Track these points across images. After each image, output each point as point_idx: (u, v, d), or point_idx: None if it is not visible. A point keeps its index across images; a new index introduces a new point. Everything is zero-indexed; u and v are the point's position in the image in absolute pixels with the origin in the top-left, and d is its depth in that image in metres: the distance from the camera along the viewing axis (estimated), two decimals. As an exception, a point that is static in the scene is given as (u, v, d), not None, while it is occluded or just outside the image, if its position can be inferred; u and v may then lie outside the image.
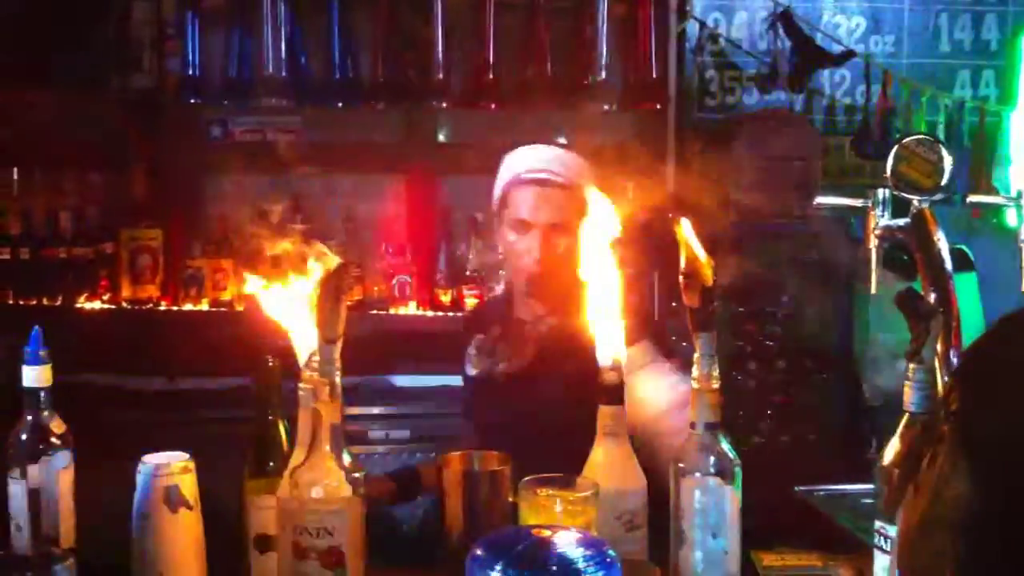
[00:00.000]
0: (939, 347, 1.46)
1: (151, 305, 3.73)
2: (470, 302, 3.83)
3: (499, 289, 3.72)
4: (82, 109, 3.59)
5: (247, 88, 3.78)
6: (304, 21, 3.79)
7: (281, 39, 3.72)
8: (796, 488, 1.93)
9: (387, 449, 3.48)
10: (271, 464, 1.62)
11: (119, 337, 3.62)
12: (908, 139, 1.71)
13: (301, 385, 1.47)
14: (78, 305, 3.68)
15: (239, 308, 3.74)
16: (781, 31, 3.86)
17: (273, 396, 1.64)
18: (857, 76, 4.01)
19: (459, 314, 3.81)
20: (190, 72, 3.75)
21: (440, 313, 3.83)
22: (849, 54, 3.87)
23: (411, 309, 3.83)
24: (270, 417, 1.64)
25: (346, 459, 1.41)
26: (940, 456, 0.66)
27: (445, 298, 3.86)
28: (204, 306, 3.75)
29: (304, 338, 1.50)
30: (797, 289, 2.57)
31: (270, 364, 1.63)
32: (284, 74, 3.74)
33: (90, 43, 3.67)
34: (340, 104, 3.79)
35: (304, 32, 3.79)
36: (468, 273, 3.88)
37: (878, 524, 1.33)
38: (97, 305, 3.71)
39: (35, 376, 1.59)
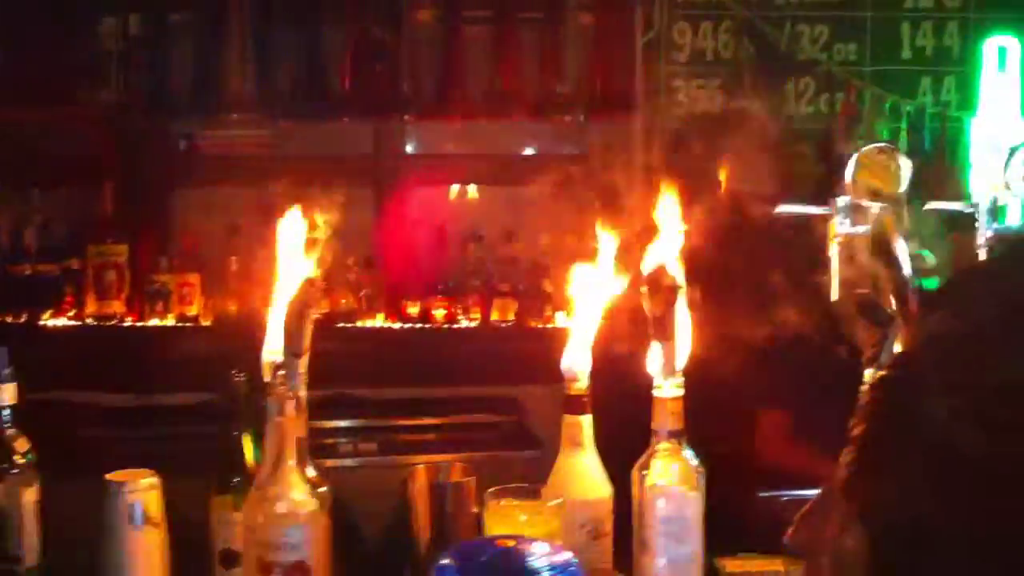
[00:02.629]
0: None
1: (117, 321, 3.70)
2: (438, 314, 3.84)
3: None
4: (49, 123, 3.57)
5: (215, 102, 3.77)
6: (272, 34, 3.79)
7: (249, 52, 3.71)
8: (760, 494, 1.94)
9: (356, 462, 3.48)
10: (237, 479, 1.61)
11: (85, 354, 3.60)
12: (867, 147, 1.73)
13: (267, 399, 1.47)
14: (43, 322, 3.65)
15: (206, 323, 3.73)
16: (746, 40, 3.90)
17: (239, 411, 1.64)
18: (820, 84, 4.05)
19: (428, 326, 3.82)
20: (158, 86, 3.75)
21: (409, 325, 3.82)
22: (812, 62, 3.91)
23: (379, 322, 3.83)
24: (236, 432, 1.64)
25: (311, 473, 1.41)
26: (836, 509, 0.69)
27: (413, 310, 3.85)
28: (170, 321, 3.73)
29: (271, 352, 1.50)
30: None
31: (236, 379, 1.62)
32: (252, 87, 3.73)
33: (57, 58, 3.65)
34: (309, 116, 3.78)
35: (272, 45, 3.79)
36: (438, 285, 3.88)
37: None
38: (62, 322, 3.68)
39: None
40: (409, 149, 4.01)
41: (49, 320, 3.65)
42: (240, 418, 1.64)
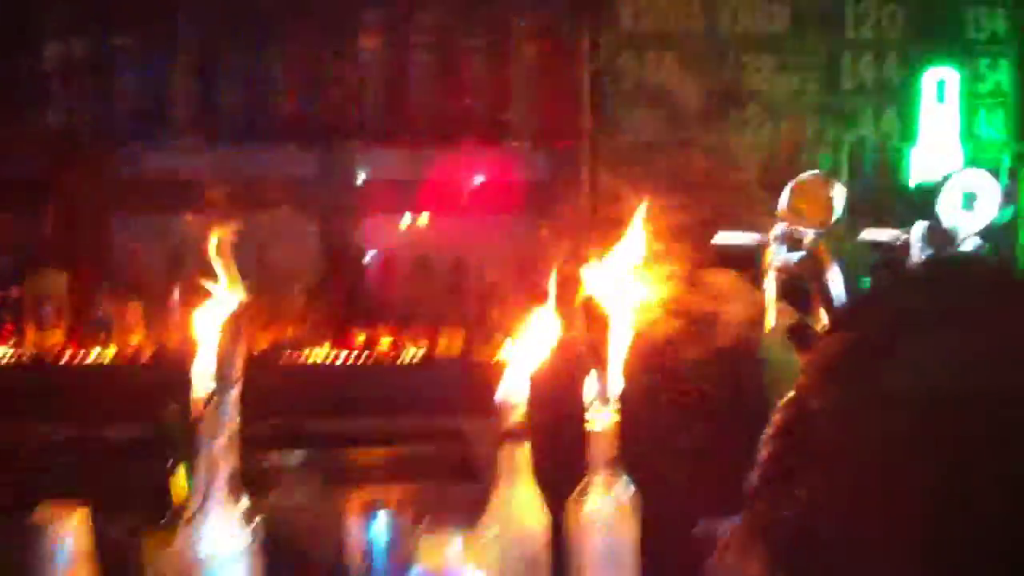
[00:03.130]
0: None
1: (56, 352, 3.64)
2: (384, 343, 3.81)
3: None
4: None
5: (158, 126, 3.73)
6: (217, 58, 3.76)
7: (194, 76, 3.69)
8: (698, 524, 1.94)
9: (301, 496, 3.42)
10: (171, 513, 1.59)
11: (24, 385, 3.53)
12: (803, 175, 1.75)
13: (198, 432, 1.45)
14: (-17, 352, 3.59)
15: (147, 353, 3.67)
16: (692, 71, 3.94)
17: (174, 443, 1.61)
18: (764, 114, 4.09)
19: (374, 356, 3.79)
20: (101, 110, 3.70)
21: (355, 354, 3.79)
22: (755, 93, 3.95)
23: (326, 351, 3.79)
24: (170, 466, 1.61)
25: (244, 507, 1.39)
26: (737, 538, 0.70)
27: (360, 339, 3.83)
28: (111, 352, 3.67)
29: (203, 382, 1.47)
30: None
31: (171, 410, 1.60)
32: (197, 112, 3.71)
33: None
34: (255, 142, 3.76)
35: (217, 69, 3.76)
36: (385, 314, 3.86)
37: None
38: (2, 351, 3.61)
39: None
40: (356, 176, 4.00)
41: (-10, 350, 3.58)
42: (174, 451, 1.61)
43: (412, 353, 3.77)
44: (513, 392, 1.55)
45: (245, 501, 1.40)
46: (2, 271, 3.71)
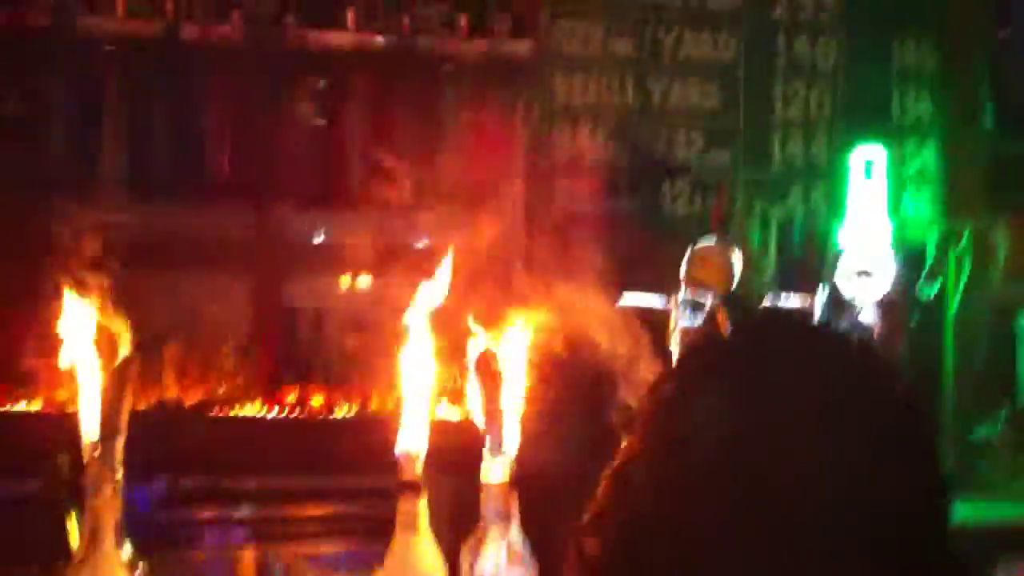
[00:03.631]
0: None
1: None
2: (316, 401, 3.79)
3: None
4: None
5: (89, 181, 3.72)
6: (150, 116, 3.77)
7: (123, 133, 3.69)
8: None
9: (227, 553, 3.37)
10: (60, 563, 1.56)
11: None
12: (701, 244, 1.79)
13: (83, 481, 1.43)
14: None
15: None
16: (624, 144, 4.02)
17: (62, 494, 1.59)
18: (695, 188, 4.17)
19: (304, 415, 3.76)
20: (30, 164, 3.69)
21: (285, 412, 3.77)
22: (684, 167, 4.04)
23: (256, 409, 3.76)
24: (59, 515, 1.59)
25: (126, 555, 1.37)
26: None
27: (291, 398, 3.80)
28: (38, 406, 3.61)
29: (89, 433, 1.46)
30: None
31: (58, 460, 1.58)
32: (125, 168, 3.71)
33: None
34: (185, 200, 3.76)
35: (149, 127, 3.77)
36: (316, 373, 3.85)
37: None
38: None
39: None
40: (289, 236, 4.00)
41: None
42: (63, 501, 1.60)
43: (344, 410, 3.76)
44: (411, 445, 1.55)
45: (128, 549, 1.38)
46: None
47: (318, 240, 3.97)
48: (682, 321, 1.81)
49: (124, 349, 1.45)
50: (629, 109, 4.04)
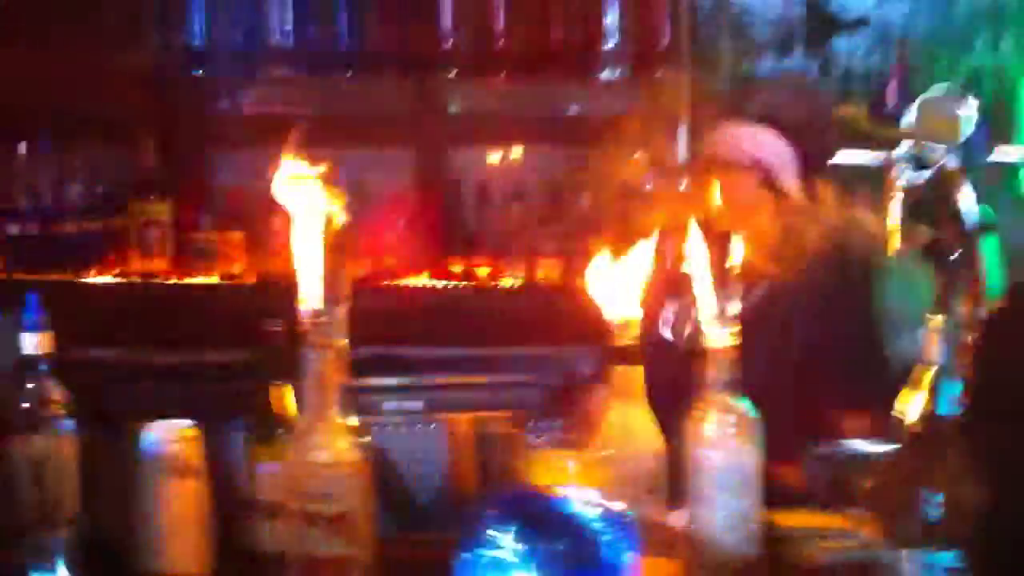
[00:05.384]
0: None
1: (161, 279, 3.69)
2: (481, 272, 3.79)
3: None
4: (88, 81, 3.54)
5: (252, 59, 3.73)
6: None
7: (288, 8, 3.67)
8: (811, 448, 1.88)
9: (401, 421, 3.43)
10: (277, 430, 1.59)
11: (129, 311, 3.58)
12: (930, 91, 1.66)
13: (306, 348, 1.43)
14: (87, 280, 3.65)
15: (250, 281, 3.71)
16: (795, -3, 3.80)
17: (278, 361, 1.60)
18: (873, 42, 3.93)
19: (468, 284, 3.77)
20: (196, 44, 3.71)
21: (452, 283, 3.78)
22: (863, 20, 3.80)
23: (423, 280, 3.79)
24: (275, 383, 1.61)
25: (353, 423, 1.37)
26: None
27: (456, 268, 3.81)
28: (215, 279, 3.71)
29: (308, 301, 1.45)
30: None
31: (274, 329, 1.59)
32: (290, 44, 3.69)
33: (94, 14, 3.63)
34: (348, 75, 3.73)
35: (310, 1, 3.74)
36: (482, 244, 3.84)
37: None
38: (107, 279, 3.67)
39: (34, 343, 1.56)
40: (451, 108, 3.95)
41: (94, 278, 3.64)
42: (279, 369, 1.61)
43: (510, 283, 3.75)
44: (626, 310, 1.50)
45: (354, 417, 1.38)
46: (105, 201, 3.76)
47: (479, 110, 3.91)
48: (904, 177, 1.68)
49: (340, 217, 1.43)
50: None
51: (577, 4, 3.78)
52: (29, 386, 1.56)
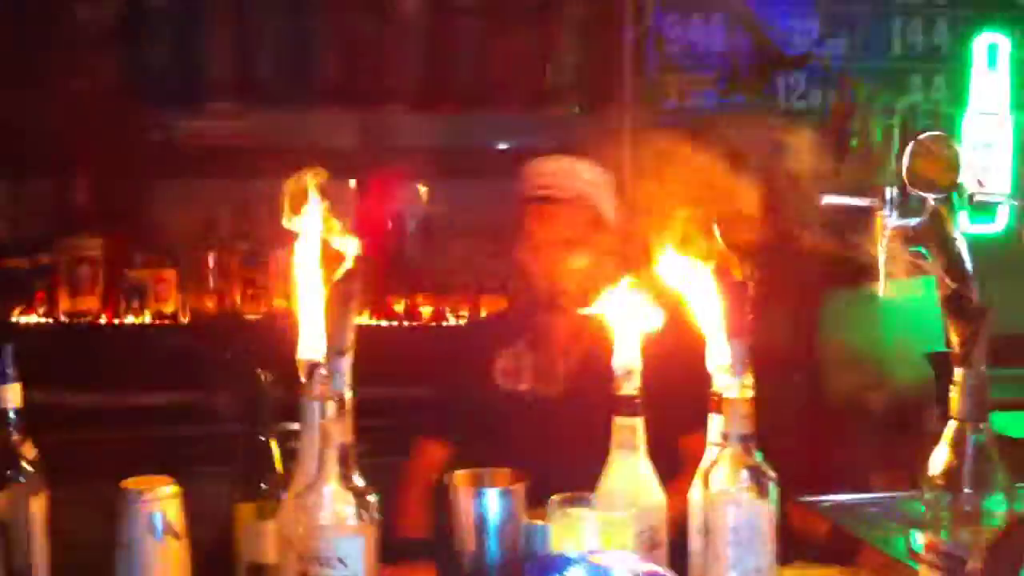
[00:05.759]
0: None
1: (91, 318, 3.55)
2: (424, 311, 3.73)
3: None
4: (19, 112, 3.40)
5: (192, 90, 3.63)
6: (253, 22, 3.65)
7: (229, 40, 3.58)
8: (799, 499, 1.86)
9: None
10: (263, 486, 1.51)
11: (57, 352, 3.44)
12: (924, 135, 1.66)
13: (304, 401, 1.36)
14: (13, 319, 3.49)
15: (183, 320, 3.59)
16: (738, 34, 3.83)
17: (265, 413, 1.53)
18: (812, 80, 3.99)
19: (412, 324, 3.71)
20: (132, 74, 3.60)
21: (394, 323, 3.71)
22: (806, 56, 3.85)
23: (364, 319, 3.70)
24: (262, 436, 1.53)
25: (358, 481, 1.30)
26: None
27: (399, 307, 3.74)
28: (147, 319, 3.58)
29: (307, 350, 1.39)
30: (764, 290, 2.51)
31: (262, 379, 1.51)
32: (232, 76, 3.60)
33: (30, 44, 3.49)
34: (292, 107, 3.65)
35: (253, 33, 3.66)
36: (424, 282, 3.78)
37: (927, 537, 1.26)
38: (33, 319, 3.52)
39: (3, 396, 1.46)
40: (395, 142, 3.89)
41: (20, 317, 3.49)
42: (266, 421, 1.53)
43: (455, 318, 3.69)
44: (627, 360, 1.46)
45: (358, 475, 1.31)
46: (32, 238, 3.61)
47: (424, 144, 3.85)
48: (891, 222, 1.68)
49: (347, 261, 1.36)
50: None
51: (524, 39, 3.77)
52: (-6, 441, 1.46)
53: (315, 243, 1.40)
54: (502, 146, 3.91)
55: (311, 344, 1.37)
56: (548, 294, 2.21)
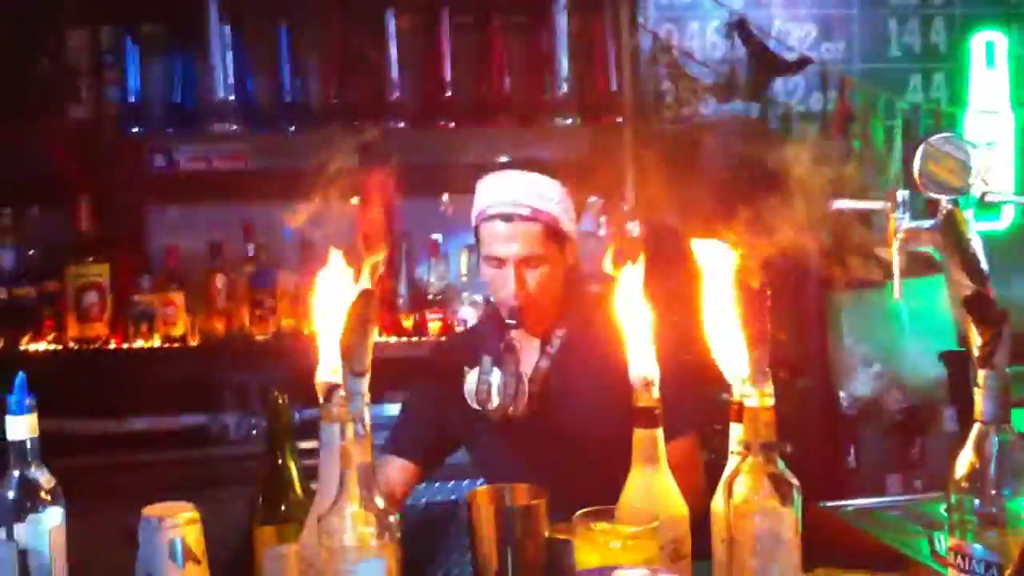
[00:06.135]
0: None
1: (100, 344, 3.54)
2: (433, 326, 3.72)
3: (474, 316, 3.61)
4: (19, 142, 3.40)
5: (192, 115, 3.64)
6: (250, 44, 3.66)
7: (227, 63, 3.58)
8: (820, 504, 1.86)
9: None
10: (283, 509, 1.50)
11: (67, 378, 3.43)
12: (935, 137, 1.66)
13: (324, 423, 1.36)
14: (22, 347, 3.48)
15: (192, 343, 3.59)
16: (736, 40, 3.84)
17: (284, 436, 1.52)
18: (811, 83, 4.00)
19: (422, 339, 3.70)
20: (131, 100, 3.60)
21: (403, 339, 3.70)
22: (805, 60, 3.86)
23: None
24: (280, 460, 1.52)
25: (379, 503, 1.29)
26: None
27: (407, 323, 3.74)
28: (156, 342, 3.57)
29: (326, 372, 1.38)
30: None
31: (280, 402, 1.51)
32: (230, 99, 3.60)
33: (26, 73, 3.50)
34: (290, 128, 3.66)
35: (251, 55, 3.66)
36: (430, 297, 3.77)
37: (954, 540, 1.25)
38: (43, 346, 3.51)
39: (21, 427, 1.45)
40: (395, 159, 3.88)
41: (29, 345, 3.48)
42: (284, 444, 1.53)
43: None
44: (648, 371, 1.46)
45: (380, 496, 1.30)
46: (38, 266, 3.61)
47: (424, 161, 3.85)
48: (904, 224, 1.68)
49: (363, 282, 1.36)
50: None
51: (524, 53, 3.77)
52: (14, 472, 1.46)
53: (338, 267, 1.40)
54: (502, 159, 3.89)
55: (329, 366, 1.37)
56: (508, 310, 2.19)
